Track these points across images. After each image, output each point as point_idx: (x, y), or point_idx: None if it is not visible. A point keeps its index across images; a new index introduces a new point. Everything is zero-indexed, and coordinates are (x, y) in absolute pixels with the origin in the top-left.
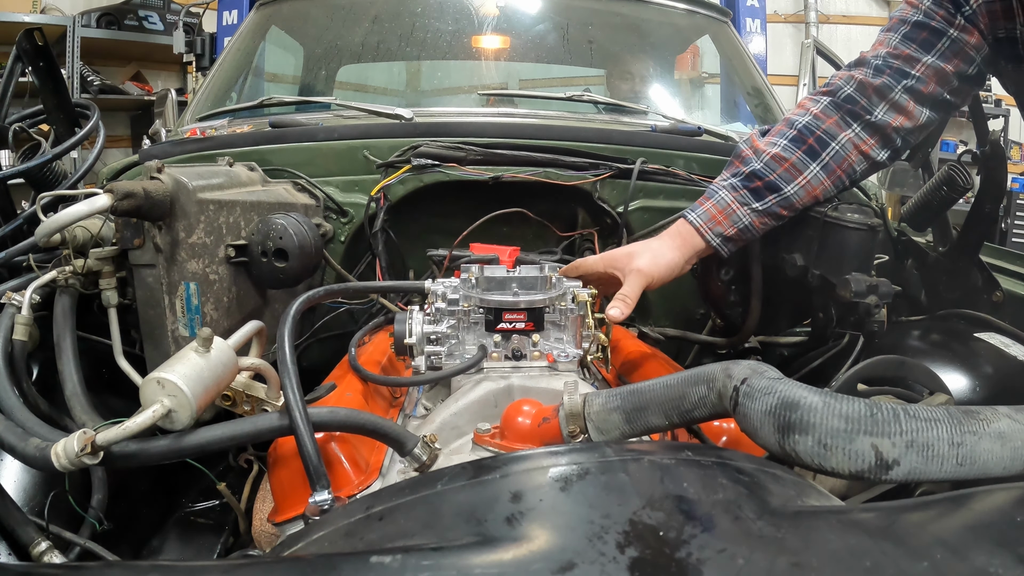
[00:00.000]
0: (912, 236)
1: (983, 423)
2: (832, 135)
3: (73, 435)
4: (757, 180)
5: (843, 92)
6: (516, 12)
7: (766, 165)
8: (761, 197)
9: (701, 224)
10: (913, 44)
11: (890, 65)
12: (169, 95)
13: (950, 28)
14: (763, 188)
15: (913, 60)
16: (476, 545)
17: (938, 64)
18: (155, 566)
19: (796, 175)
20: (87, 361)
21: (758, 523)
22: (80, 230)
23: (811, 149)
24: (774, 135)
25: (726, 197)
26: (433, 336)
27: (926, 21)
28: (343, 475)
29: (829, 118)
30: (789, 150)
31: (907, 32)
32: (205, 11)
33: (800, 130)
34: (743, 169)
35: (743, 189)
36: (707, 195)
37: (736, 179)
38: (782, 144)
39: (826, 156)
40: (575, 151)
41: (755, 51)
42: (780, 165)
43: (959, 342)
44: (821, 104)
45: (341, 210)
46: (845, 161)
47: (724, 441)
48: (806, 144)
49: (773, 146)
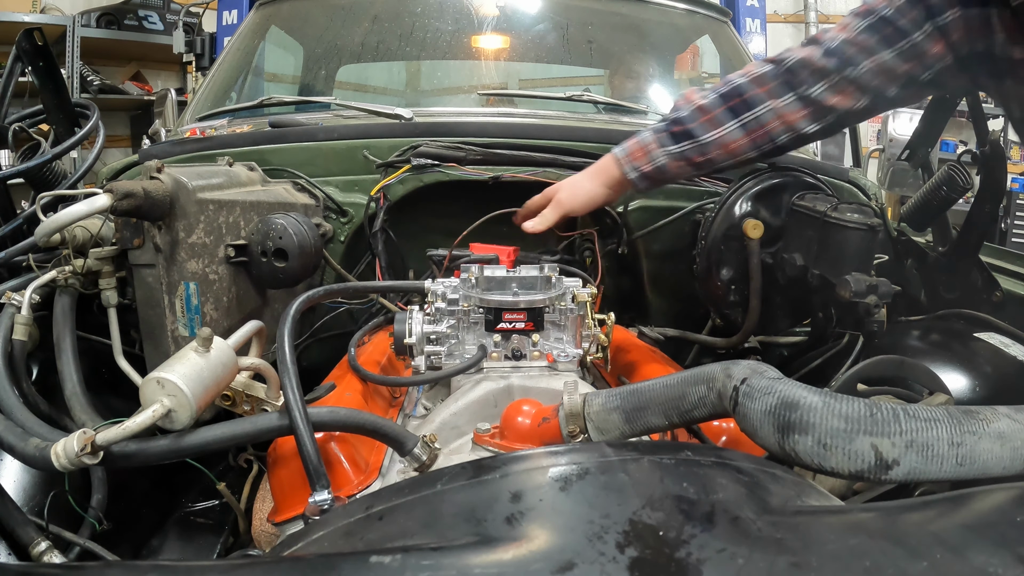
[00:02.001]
0: (912, 236)
1: (983, 423)
2: (760, 100)
3: (73, 435)
4: (677, 125)
5: (787, 63)
6: (516, 12)
7: (690, 113)
8: (677, 141)
9: (621, 157)
10: (874, 37)
11: (842, 51)
12: (169, 95)
13: (916, 32)
14: (680, 133)
15: (868, 51)
16: (476, 545)
17: (892, 62)
18: (155, 566)
19: (713, 127)
20: (87, 361)
21: (758, 523)
22: (80, 230)
23: (734, 107)
24: (709, 89)
25: (648, 136)
26: (433, 336)
27: (894, 18)
28: (343, 475)
29: (763, 85)
30: (714, 104)
31: (872, 23)
32: (205, 11)
33: (731, 88)
34: (669, 115)
35: (664, 132)
36: (635, 134)
37: (662, 123)
38: (710, 98)
39: (747, 117)
40: (575, 151)
41: (755, 51)
42: (701, 115)
43: (959, 342)
44: (763, 69)
45: (341, 210)
46: (766, 126)
47: (724, 441)
48: (732, 102)
49: (702, 98)
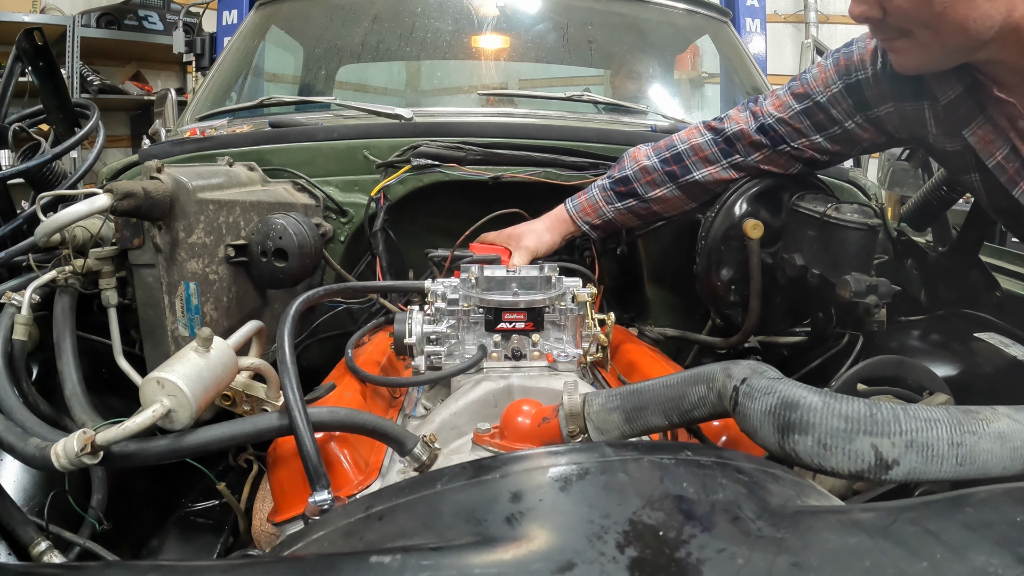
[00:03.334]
0: (912, 236)
1: (983, 423)
2: (697, 167)
3: (73, 435)
4: (622, 185)
5: (725, 133)
6: (516, 12)
7: (633, 174)
8: (623, 199)
9: (575, 214)
10: (808, 121)
11: (776, 131)
12: (169, 95)
13: (848, 121)
14: (626, 192)
15: (800, 135)
16: (476, 545)
17: (823, 144)
18: (155, 566)
19: (653, 188)
20: (87, 361)
21: (758, 523)
22: (80, 230)
23: (674, 172)
24: (653, 149)
25: (596, 195)
26: (433, 336)
27: (828, 107)
28: (343, 475)
29: (701, 152)
30: (655, 167)
31: (807, 108)
32: (205, 11)
33: (673, 154)
34: (616, 174)
35: (611, 190)
36: (585, 190)
37: (608, 180)
38: (654, 160)
39: (684, 180)
40: (575, 151)
41: (755, 51)
42: (644, 176)
43: (959, 342)
44: (702, 138)
45: (341, 210)
46: (703, 187)
47: (724, 441)
48: (671, 167)
49: (647, 159)
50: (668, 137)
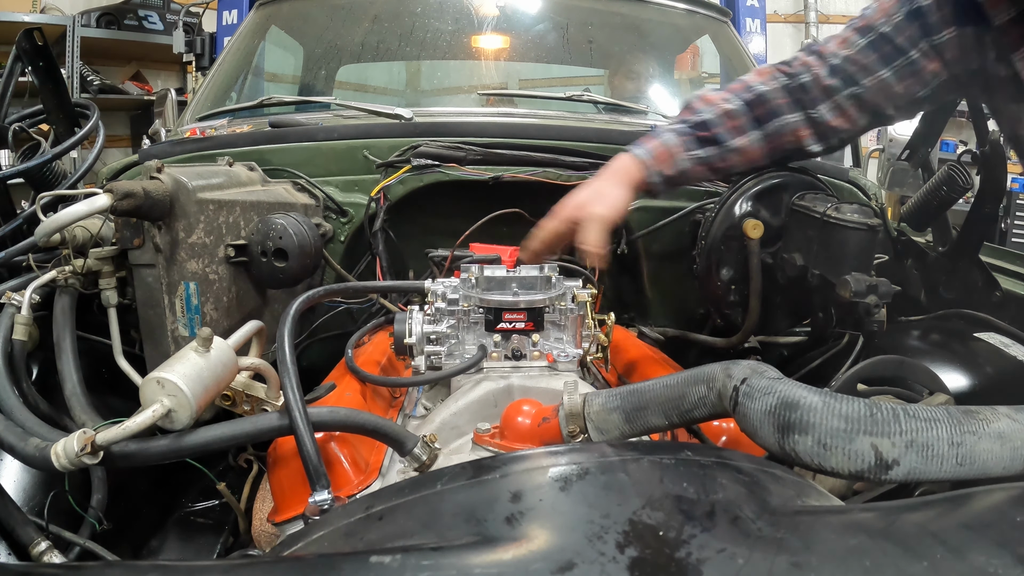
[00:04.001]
0: (912, 236)
1: (983, 423)
2: (780, 112)
3: (73, 435)
4: (703, 130)
5: (799, 79)
6: (516, 12)
7: (716, 117)
8: (704, 145)
9: (647, 160)
10: (874, 55)
11: (845, 70)
12: (169, 95)
13: (912, 49)
14: (707, 138)
15: (868, 71)
16: (476, 545)
17: (890, 80)
18: (155, 566)
19: (738, 135)
20: (87, 361)
21: (758, 523)
22: (80, 230)
23: (759, 117)
24: (729, 92)
25: (672, 139)
26: (433, 336)
27: (892, 35)
28: (343, 475)
29: (782, 98)
30: (741, 111)
31: (872, 41)
32: (205, 11)
33: (755, 95)
34: (692, 118)
35: (690, 135)
36: (654, 134)
37: (684, 125)
38: (736, 103)
39: (770, 127)
40: (575, 151)
41: (755, 51)
42: (728, 121)
43: (959, 342)
44: (778, 81)
45: (341, 210)
46: (782, 139)
47: (724, 441)
48: (757, 111)
49: (726, 102)
50: (739, 81)
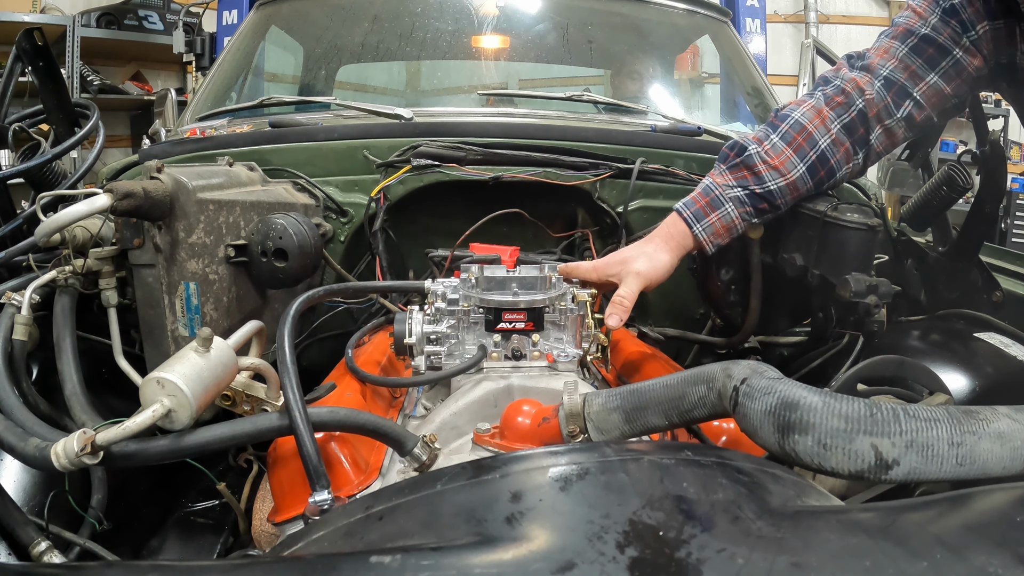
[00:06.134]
0: (912, 236)
1: (983, 423)
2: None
3: (73, 435)
4: (765, 202)
5: (853, 106)
6: (516, 12)
7: (780, 189)
8: (763, 215)
9: (706, 236)
10: (919, 59)
11: (896, 80)
12: (169, 95)
13: (955, 48)
14: (768, 210)
15: (917, 77)
16: (476, 545)
17: (939, 84)
18: (155, 566)
19: (793, 194)
20: (87, 361)
21: (758, 523)
22: (80, 230)
23: (820, 180)
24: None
25: (732, 214)
26: (433, 336)
27: (933, 36)
28: (343, 475)
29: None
30: (803, 179)
31: (915, 45)
32: (205, 11)
33: (818, 156)
34: (754, 188)
35: (751, 206)
36: (712, 204)
37: (744, 193)
38: (800, 170)
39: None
40: (575, 151)
41: (755, 51)
42: (792, 193)
43: (959, 342)
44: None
45: (341, 210)
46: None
47: (724, 441)
48: (818, 175)
49: (793, 169)
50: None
